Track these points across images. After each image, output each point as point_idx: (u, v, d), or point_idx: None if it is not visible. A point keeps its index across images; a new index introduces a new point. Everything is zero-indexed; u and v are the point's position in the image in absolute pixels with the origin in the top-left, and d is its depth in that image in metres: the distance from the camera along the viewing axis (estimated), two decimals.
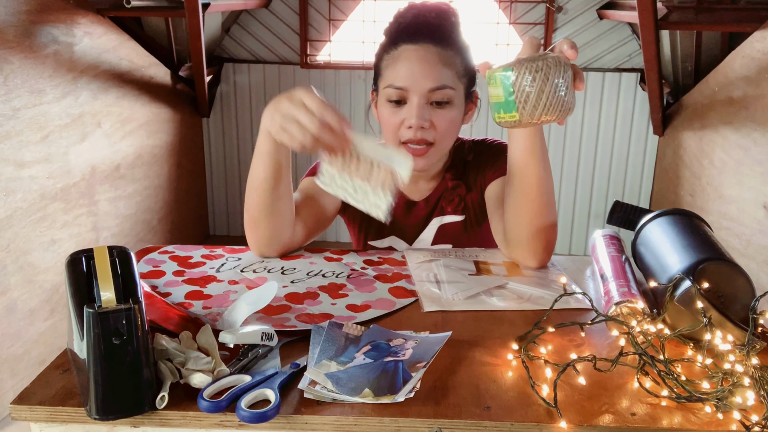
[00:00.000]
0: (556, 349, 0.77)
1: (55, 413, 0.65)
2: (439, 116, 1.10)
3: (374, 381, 0.69)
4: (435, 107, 1.10)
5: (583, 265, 1.06)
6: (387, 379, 0.69)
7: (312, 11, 3.71)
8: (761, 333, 0.75)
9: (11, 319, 2.14)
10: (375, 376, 0.70)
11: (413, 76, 1.08)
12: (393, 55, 1.11)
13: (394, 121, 1.11)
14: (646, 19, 2.64)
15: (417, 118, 1.08)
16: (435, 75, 1.09)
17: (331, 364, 0.72)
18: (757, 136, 2.45)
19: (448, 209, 1.22)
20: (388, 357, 0.74)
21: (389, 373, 0.71)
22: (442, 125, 1.11)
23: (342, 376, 0.69)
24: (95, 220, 2.69)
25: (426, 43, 1.09)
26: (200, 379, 0.66)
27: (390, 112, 1.12)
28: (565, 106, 0.80)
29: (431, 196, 1.23)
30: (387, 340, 0.78)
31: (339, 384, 0.68)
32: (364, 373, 0.70)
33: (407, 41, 1.10)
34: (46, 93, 2.32)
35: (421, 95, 1.08)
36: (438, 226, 1.24)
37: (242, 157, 3.94)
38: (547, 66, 0.77)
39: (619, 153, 3.73)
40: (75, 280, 0.66)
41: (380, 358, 0.74)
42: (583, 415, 0.64)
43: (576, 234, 3.92)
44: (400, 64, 1.09)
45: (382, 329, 0.81)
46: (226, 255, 1.06)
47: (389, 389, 0.67)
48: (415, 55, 1.09)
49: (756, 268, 2.37)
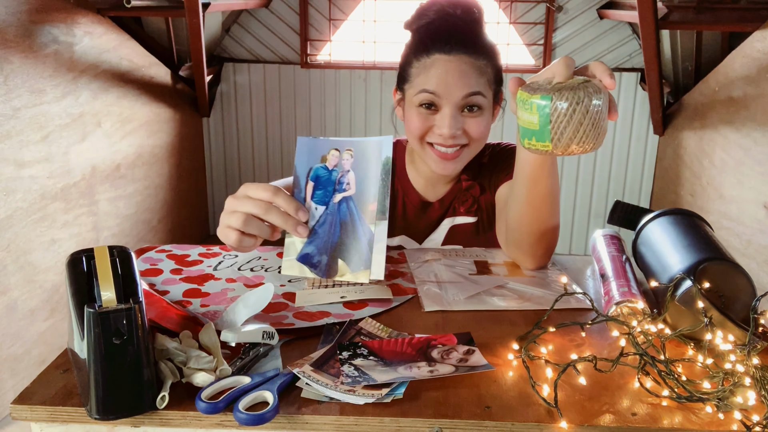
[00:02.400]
0: (557, 349, 0.77)
1: (55, 413, 0.65)
2: (471, 123, 1.10)
3: (345, 255, 0.79)
4: (467, 113, 1.10)
5: (584, 264, 1.06)
6: (356, 252, 0.78)
7: (312, 11, 3.71)
8: (762, 333, 0.75)
9: (12, 318, 2.14)
10: (343, 250, 0.80)
11: (446, 85, 1.07)
12: (425, 63, 1.10)
13: (424, 126, 1.11)
14: (647, 19, 2.64)
15: (449, 128, 1.08)
16: (469, 83, 1.08)
17: (294, 240, 0.80)
18: (757, 136, 2.45)
19: (460, 210, 1.22)
20: (336, 196, 0.83)
21: (355, 245, 0.83)
22: (474, 131, 1.11)
23: (314, 255, 0.77)
24: (95, 219, 2.69)
25: (459, 53, 1.08)
26: (203, 378, 0.66)
27: (420, 116, 1.11)
28: (599, 139, 0.76)
29: (446, 197, 1.23)
30: (321, 159, 0.85)
31: (317, 267, 0.75)
32: (329, 244, 0.80)
33: (440, 51, 1.08)
34: (46, 93, 2.32)
35: (454, 104, 1.08)
36: (449, 226, 1.24)
37: (242, 157, 3.94)
38: (588, 97, 0.74)
39: (620, 153, 3.73)
40: (75, 280, 0.66)
41: (326, 199, 0.83)
42: (583, 415, 0.64)
43: (576, 234, 3.92)
44: (432, 73, 1.08)
45: (312, 141, 0.88)
46: (223, 253, 1.06)
47: (363, 263, 0.77)
48: (449, 66, 1.08)
49: (756, 267, 2.37)
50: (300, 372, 0.68)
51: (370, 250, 0.84)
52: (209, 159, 3.96)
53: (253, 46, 3.78)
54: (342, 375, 0.69)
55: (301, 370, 0.69)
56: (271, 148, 3.92)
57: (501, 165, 1.20)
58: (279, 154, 3.93)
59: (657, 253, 0.90)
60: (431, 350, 0.74)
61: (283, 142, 3.91)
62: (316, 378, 0.68)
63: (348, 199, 0.84)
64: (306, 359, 0.72)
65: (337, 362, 0.71)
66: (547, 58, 3.62)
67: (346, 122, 3.84)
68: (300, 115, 3.85)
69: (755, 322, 0.72)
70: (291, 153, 3.92)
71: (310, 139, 0.88)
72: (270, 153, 3.93)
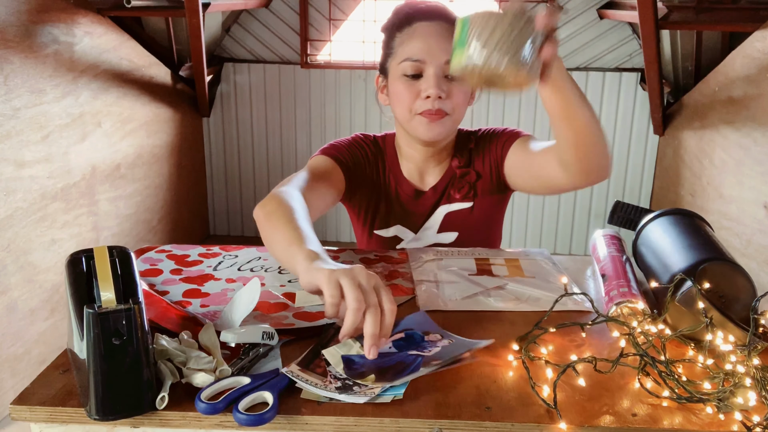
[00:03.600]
0: (557, 350, 0.77)
1: (55, 413, 0.65)
2: (454, 88, 1.13)
3: (384, 369, 0.69)
4: (449, 80, 1.13)
5: (584, 265, 1.06)
6: (396, 369, 0.69)
7: (312, 11, 3.70)
8: (762, 333, 0.75)
9: (11, 318, 2.14)
10: (389, 365, 0.70)
11: (430, 48, 1.11)
12: (407, 32, 1.14)
13: (410, 94, 1.14)
14: (647, 19, 2.64)
15: (435, 88, 1.11)
16: (450, 48, 1.10)
17: (355, 344, 0.71)
18: (757, 136, 2.45)
19: (456, 197, 1.24)
20: (414, 350, 0.74)
21: (403, 365, 0.70)
22: (457, 96, 1.14)
23: (357, 361, 0.69)
24: (95, 220, 2.69)
25: (439, 20, 1.13)
26: (203, 379, 0.66)
27: (406, 85, 1.14)
28: (517, 57, 0.76)
29: (438, 185, 1.24)
30: (424, 332, 0.78)
31: (349, 368, 0.68)
32: (380, 361, 0.70)
33: (422, 19, 1.14)
34: (46, 93, 2.32)
35: (438, 66, 1.11)
36: (445, 213, 1.25)
37: (242, 157, 3.94)
38: (508, 14, 0.76)
39: (620, 153, 3.73)
40: (75, 280, 0.66)
41: (406, 350, 0.73)
42: (584, 416, 0.64)
43: (576, 234, 3.92)
44: (416, 39, 1.13)
45: (427, 319, 0.82)
46: (223, 253, 1.06)
47: (389, 378, 0.67)
48: (431, 30, 1.13)
49: (756, 268, 2.37)
50: (288, 372, 0.69)
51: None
52: (209, 159, 3.96)
53: (253, 46, 3.78)
54: (329, 375, 0.69)
55: (289, 369, 0.69)
56: (271, 148, 3.92)
57: (490, 143, 1.23)
58: (279, 154, 3.93)
59: (657, 254, 0.90)
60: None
61: (283, 141, 3.91)
62: (305, 377, 0.68)
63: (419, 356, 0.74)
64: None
65: (322, 361, 0.71)
66: None
67: (346, 122, 3.84)
68: (300, 115, 3.85)
69: (755, 322, 0.72)
70: (291, 153, 3.92)
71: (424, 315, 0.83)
72: (270, 153, 3.93)
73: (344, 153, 1.21)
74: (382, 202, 1.26)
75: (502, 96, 3.67)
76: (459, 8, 1.21)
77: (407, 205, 1.25)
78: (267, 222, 0.92)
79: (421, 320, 0.81)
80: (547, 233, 3.92)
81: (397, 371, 0.69)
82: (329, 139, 3.94)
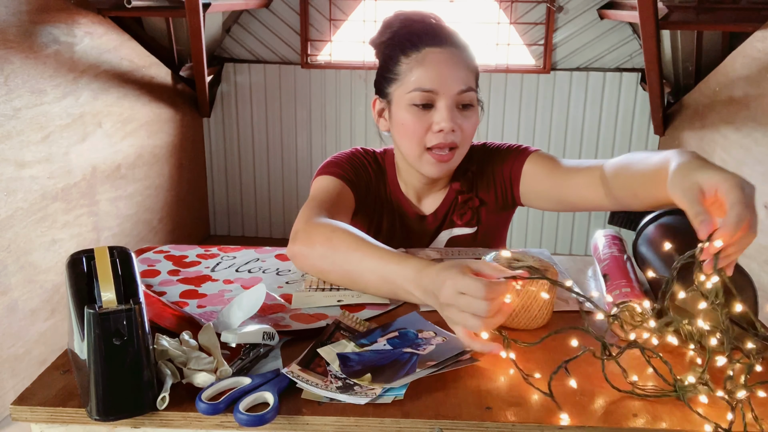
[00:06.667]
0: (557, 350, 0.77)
1: (55, 414, 0.65)
2: (465, 119, 1.08)
3: (380, 368, 0.69)
4: (461, 110, 1.08)
5: (585, 265, 1.06)
6: (392, 369, 0.69)
7: (312, 11, 3.71)
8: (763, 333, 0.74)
9: (12, 319, 2.14)
10: (384, 363, 0.70)
11: (442, 78, 1.05)
12: (415, 59, 1.07)
13: (421, 126, 1.07)
14: (647, 19, 2.63)
15: (449, 122, 1.05)
16: (462, 77, 1.06)
17: (349, 344, 0.72)
18: (757, 136, 2.45)
19: (458, 222, 1.20)
20: (408, 348, 0.74)
21: (399, 363, 0.71)
22: (467, 129, 1.09)
23: (353, 358, 0.69)
24: (96, 220, 2.69)
25: (449, 46, 1.07)
26: (203, 379, 0.66)
27: (416, 117, 1.07)
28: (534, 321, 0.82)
29: (439, 210, 1.20)
30: (417, 330, 0.79)
31: (345, 365, 0.68)
32: (376, 358, 0.71)
33: (430, 44, 1.07)
34: (46, 93, 2.32)
35: (450, 98, 1.06)
36: (448, 237, 1.22)
37: (243, 157, 3.94)
38: None
39: (620, 153, 3.73)
40: (75, 281, 0.66)
41: (401, 347, 0.74)
42: (584, 416, 0.64)
43: (577, 234, 3.91)
44: (426, 68, 1.06)
45: (419, 318, 0.82)
46: (221, 254, 1.06)
47: (387, 378, 0.67)
48: (442, 57, 1.06)
49: (757, 268, 2.37)
50: (289, 372, 0.69)
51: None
52: (210, 159, 3.96)
53: (253, 46, 3.78)
54: (329, 375, 0.69)
55: (290, 369, 0.69)
56: (272, 148, 3.92)
57: (494, 164, 1.18)
58: (279, 154, 3.93)
59: (658, 254, 0.90)
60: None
61: (284, 141, 3.91)
62: (306, 378, 0.68)
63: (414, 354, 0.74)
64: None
65: (322, 360, 0.72)
66: (547, 58, 3.62)
67: (346, 122, 3.84)
68: (300, 115, 3.85)
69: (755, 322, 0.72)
70: (291, 153, 3.92)
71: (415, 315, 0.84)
72: (270, 153, 3.93)
73: (348, 170, 1.15)
74: (384, 221, 1.21)
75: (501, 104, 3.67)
76: (459, 8, 1.18)
77: (409, 227, 1.22)
78: (330, 248, 0.90)
79: (415, 320, 0.81)
80: (547, 233, 3.93)
81: (392, 370, 0.69)
82: (329, 139, 3.96)
